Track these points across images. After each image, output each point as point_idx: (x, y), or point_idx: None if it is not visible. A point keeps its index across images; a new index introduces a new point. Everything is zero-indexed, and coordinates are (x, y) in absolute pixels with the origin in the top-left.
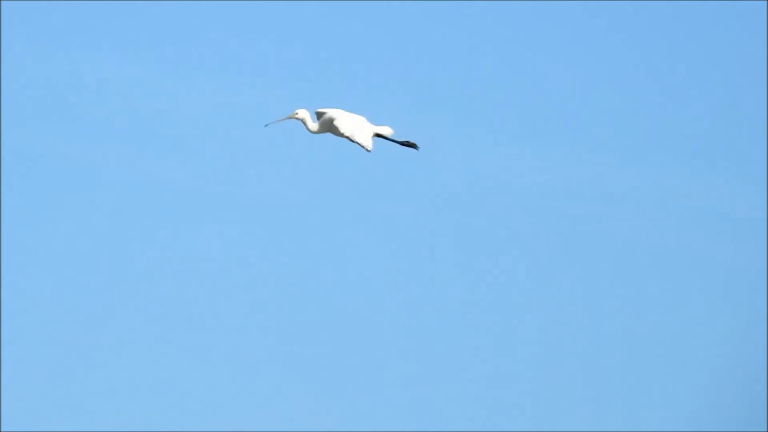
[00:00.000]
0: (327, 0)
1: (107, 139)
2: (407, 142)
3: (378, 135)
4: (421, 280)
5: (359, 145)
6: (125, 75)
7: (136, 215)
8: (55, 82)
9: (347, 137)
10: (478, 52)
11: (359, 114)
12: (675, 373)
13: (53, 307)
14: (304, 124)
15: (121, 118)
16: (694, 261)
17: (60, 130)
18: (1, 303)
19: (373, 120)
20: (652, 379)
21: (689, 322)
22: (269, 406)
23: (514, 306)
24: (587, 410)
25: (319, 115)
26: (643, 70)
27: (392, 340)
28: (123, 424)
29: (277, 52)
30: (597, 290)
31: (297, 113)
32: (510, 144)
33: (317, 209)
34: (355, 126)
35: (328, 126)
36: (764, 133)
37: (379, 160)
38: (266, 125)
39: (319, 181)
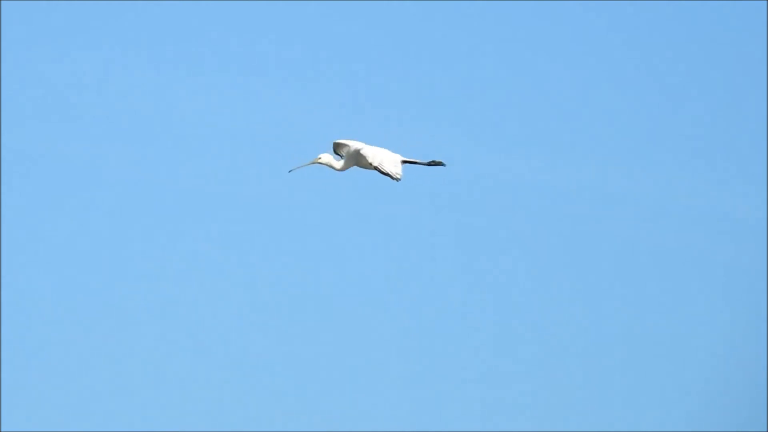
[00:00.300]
0: (327, 0)
1: (107, 139)
2: (433, 161)
3: (405, 161)
4: (421, 280)
5: (388, 174)
6: (125, 75)
7: (136, 215)
8: (55, 82)
9: (375, 167)
10: (478, 53)
11: (381, 146)
12: (675, 373)
13: (53, 307)
14: (330, 167)
15: (121, 118)
16: (694, 261)
17: (60, 130)
18: (1, 303)
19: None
20: (652, 379)
21: (689, 322)
22: (269, 406)
23: (514, 306)
24: (587, 410)
25: (339, 146)
26: (643, 70)
27: (392, 340)
28: (123, 424)
29: (277, 52)
30: (597, 290)
31: (320, 158)
32: (510, 143)
33: (317, 209)
34: (383, 155)
35: (354, 159)
36: (764, 133)
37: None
38: (290, 171)
39: (319, 180)
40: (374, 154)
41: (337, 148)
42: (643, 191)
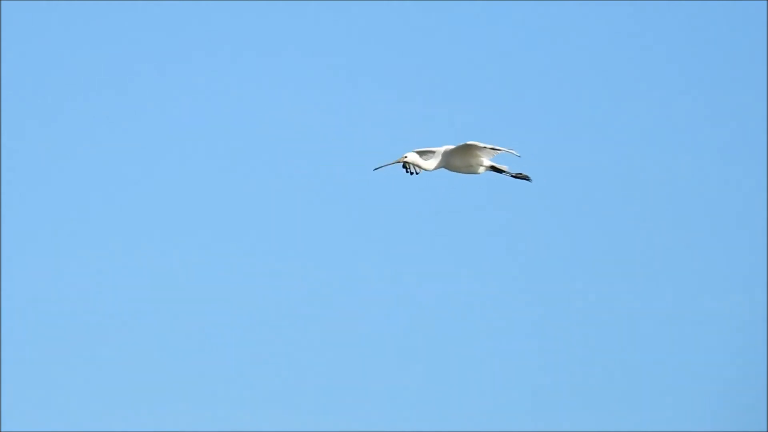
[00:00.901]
0: (327, 0)
1: (107, 139)
2: (520, 174)
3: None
4: (420, 280)
5: (505, 152)
6: (125, 75)
7: (136, 215)
8: (55, 82)
9: (490, 149)
10: (477, 52)
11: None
12: (675, 374)
13: (53, 307)
14: (417, 166)
15: (122, 118)
16: (694, 260)
17: (60, 130)
18: (1, 303)
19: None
20: (652, 379)
21: (689, 323)
22: (269, 406)
23: (514, 306)
24: (587, 410)
25: (424, 153)
26: (643, 69)
27: (392, 339)
28: (123, 424)
29: (276, 52)
30: (597, 289)
31: (406, 157)
32: (509, 142)
33: (317, 209)
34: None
35: (446, 160)
36: (765, 132)
37: (378, 160)
38: (375, 169)
39: (319, 180)
40: (480, 142)
41: (423, 155)
42: (642, 191)
